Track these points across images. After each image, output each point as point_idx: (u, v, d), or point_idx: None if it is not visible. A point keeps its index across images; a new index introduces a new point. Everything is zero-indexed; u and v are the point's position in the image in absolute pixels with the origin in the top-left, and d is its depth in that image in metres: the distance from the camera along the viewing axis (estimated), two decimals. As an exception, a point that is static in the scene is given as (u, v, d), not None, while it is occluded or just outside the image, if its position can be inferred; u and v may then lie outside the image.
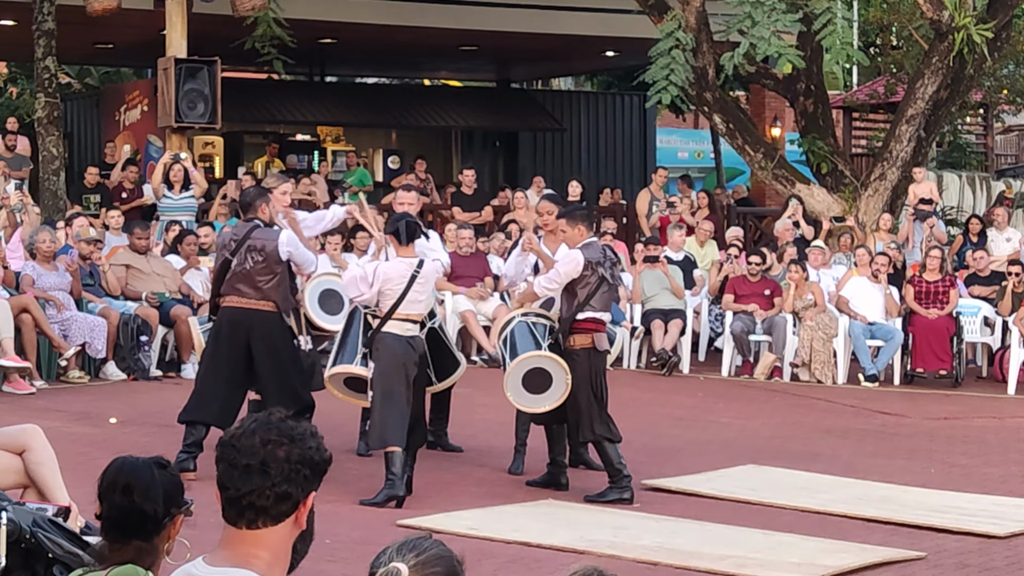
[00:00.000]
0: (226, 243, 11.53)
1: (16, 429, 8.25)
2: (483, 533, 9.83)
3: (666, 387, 17.38)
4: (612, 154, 33.23)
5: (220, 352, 11.48)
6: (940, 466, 13.18)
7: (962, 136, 31.89)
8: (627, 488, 11.20)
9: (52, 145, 21.73)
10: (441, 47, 27.78)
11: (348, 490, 10.80)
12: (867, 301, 18.41)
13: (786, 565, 9.24)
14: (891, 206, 21.68)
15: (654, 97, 19.93)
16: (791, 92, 22.88)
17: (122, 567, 4.33)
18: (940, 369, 18.22)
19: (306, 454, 3.51)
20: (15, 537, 5.16)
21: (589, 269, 11.26)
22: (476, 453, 12.88)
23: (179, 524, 4.47)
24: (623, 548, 9.54)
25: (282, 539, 3.54)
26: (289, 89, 30.39)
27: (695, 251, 20.67)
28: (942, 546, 9.99)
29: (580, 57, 30.15)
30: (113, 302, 16.69)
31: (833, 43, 19.26)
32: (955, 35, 20.16)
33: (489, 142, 32.72)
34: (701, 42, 20.90)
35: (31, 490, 7.98)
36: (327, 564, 8.54)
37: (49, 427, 8.58)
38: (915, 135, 21.49)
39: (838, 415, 15.83)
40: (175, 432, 11.55)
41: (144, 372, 16.27)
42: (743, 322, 18.46)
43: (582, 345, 11.33)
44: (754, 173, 24.02)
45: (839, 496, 11.48)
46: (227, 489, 3.50)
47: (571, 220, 11.47)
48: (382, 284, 10.92)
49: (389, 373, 10.90)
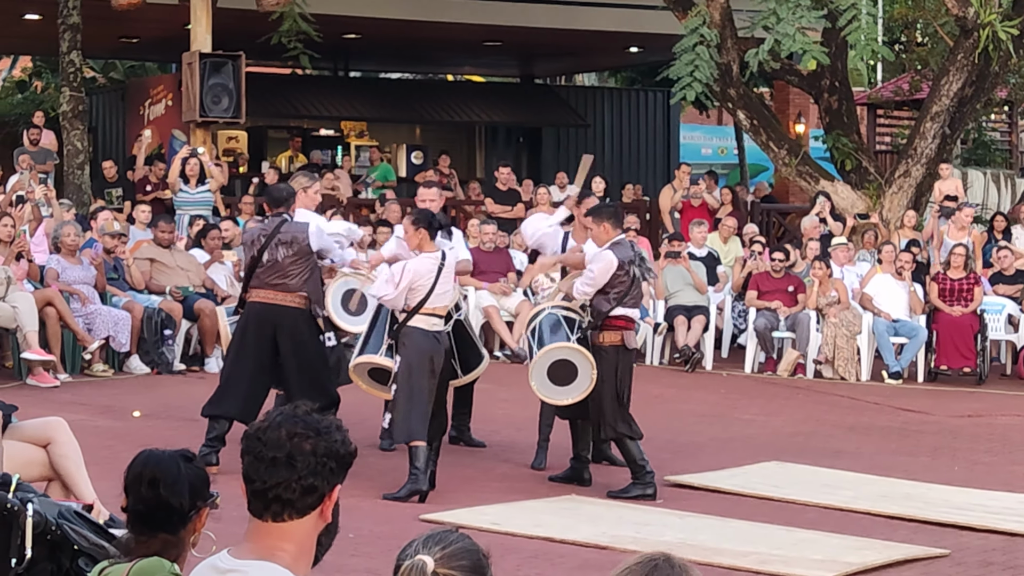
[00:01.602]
0: (255, 238, 11.52)
1: (41, 422, 8.27)
2: (505, 528, 9.83)
3: (689, 383, 17.36)
4: (635, 150, 33.19)
5: (246, 347, 11.49)
6: (964, 464, 13.15)
7: (987, 133, 31.77)
8: (650, 484, 11.20)
9: (77, 139, 21.81)
10: (465, 42, 27.79)
11: (371, 485, 10.80)
12: (891, 298, 18.37)
13: (809, 562, 9.23)
14: (915, 203, 21.63)
15: (678, 93, 19.91)
16: (815, 88, 22.82)
17: (148, 560, 4.34)
18: (964, 367, 18.17)
19: (332, 447, 3.52)
20: (41, 529, 5.18)
21: (622, 269, 11.26)
22: (499, 448, 12.88)
23: (205, 517, 4.48)
24: (645, 544, 9.53)
25: (307, 532, 3.55)
26: (313, 84, 30.44)
27: (718, 247, 20.63)
28: (966, 544, 9.97)
29: (604, 53, 30.13)
30: (137, 296, 16.73)
31: (858, 39, 19.22)
32: (980, 32, 20.10)
33: (513, 138, 32.70)
34: (726, 38, 20.86)
35: (55, 483, 8.02)
36: (350, 558, 8.55)
37: (73, 420, 8.60)
38: (940, 132, 21.43)
39: (861, 412, 15.80)
40: (199, 426, 11.57)
41: (168, 366, 16.30)
42: (766, 319, 18.43)
43: (611, 342, 11.32)
44: (778, 170, 23.97)
45: (862, 493, 11.46)
46: (253, 482, 3.51)
47: (597, 218, 11.46)
48: (411, 281, 10.92)
49: (415, 368, 10.91)
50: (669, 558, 3.17)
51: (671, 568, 3.13)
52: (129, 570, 4.33)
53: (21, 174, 19.79)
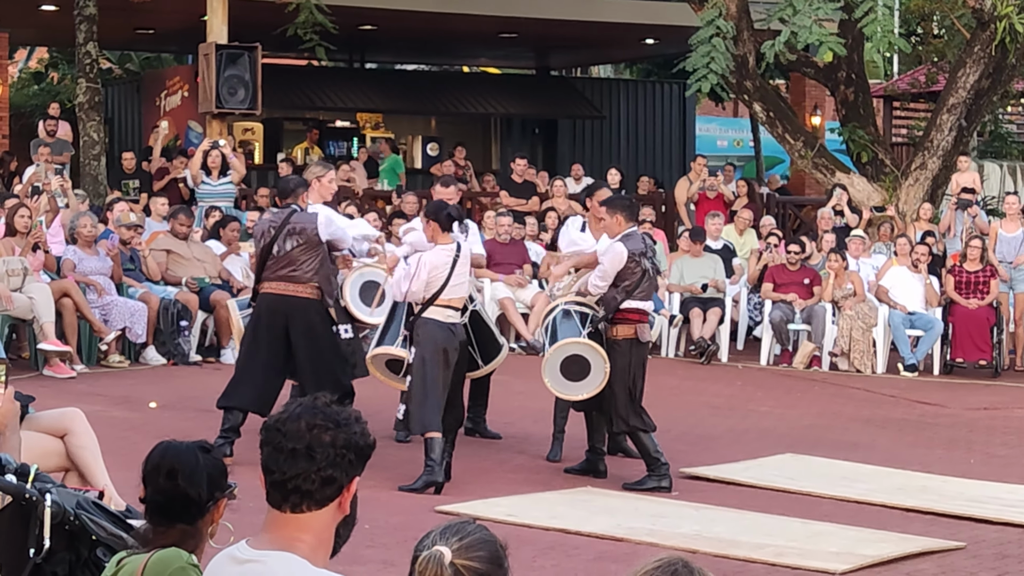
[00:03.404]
0: (265, 230, 11.55)
1: (58, 412, 8.30)
2: (521, 520, 9.84)
3: (704, 376, 17.35)
4: (651, 142, 33.17)
5: (259, 338, 11.51)
6: (980, 456, 13.14)
7: (1003, 126, 31.73)
8: (665, 476, 11.20)
9: (93, 130, 21.84)
10: (481, 34, 27.78)
11: (387, 476, 10.81)
12: (907, 291, 18.34)
13: (825, 554, 9.22)
14: (932, 195, 21.60)
15: (694, 85, 19.90)
16: (832, 81, 22.80)
17: (166, 550, 4.35)
18: (980, 359, 18.16)
19: (351, 439, 3.53)
20: (59, 519, 5.19)
21: (633, 261, 11.25)
22: (514, 440, 12.89)
23: (223, 508, 4.49)
24: (661, 536, 9.54)
25: (326, 523, 3.56)
26: (329, 76, 30.43)
27: (734, 239, 20.62)
28: (981, 536, 9.96)
29: (620, 45, 30.09)
30: (153, 287, 16.75)
31: (874, 31, 19.18)
32: (997, 24, 20.06)
33: (528, 129, 32.69)
34: (742, 30, 20.84)
35: (72, 473, 8.04)
36: (366, 549, 8.57)
37: (90, 411, 8.62)
38: (956, 124, 21.39)
39: (877, 405, 15.78)
40: (215, 417, 11.59)
41: (184, 357, 16.32)
42: (782, 311, 18.42)
43: (625, 336, 11.31)
44: (794, 162, 23.94)
45: (878, 486, 11.45)
46: (272, 473, 3.52)
47: (610, 209, 11.46)
48: (428, 274, 10.93)
49: (429, 359, 10.92)
50: (688, 564, 3.17)
51: (690, 573, 3.12)
52: (147, 561, 4.34)
53: (38, 166, 19.83)
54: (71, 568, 5.22)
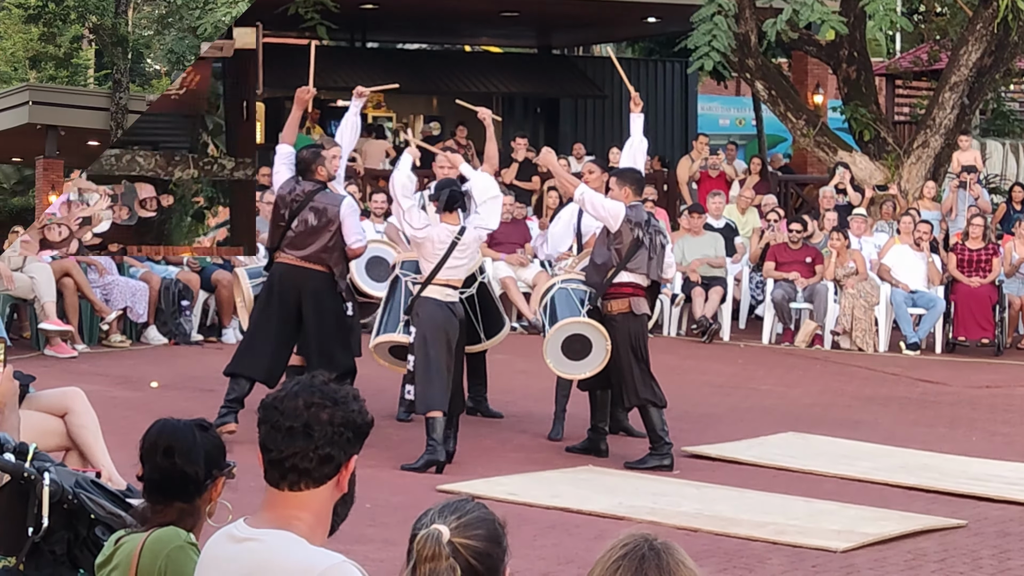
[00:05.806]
0: (292, 197, 11.50)
1: (58, 392, 8.30)
2: (522, 499, 9.84)
3: (706, 354, 17.34)
4: (653, 121, 32.93)
5: (271, 308, 11.51)
6: (982, 434, 13.13)
7: (1005, 104, 31.63)
8: (667, 455, 11.20)
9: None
10: (482, 13, 27.72)
11: (389, 455, 10.82)
12: (909, 269, 18.32)
13: (826, 532, 9.22)
14: (934, 174, 21.56)
15: (696, 64, 19.86)
16: (834, 59, 22.74)
17: (164, 529, 4.35)
18: (982, 338, 18.15)
19: (349, 417, 3.52)
20: (57, 498, 5.19)
21: (628, 224, 11.23)
22: (516, 419, 12.89)
23: (221, 486, 4.49)
24: (662, 515, 9.54)
25: (324, 502, 3.55)
26: (330, 55, 30.31)
27: (736, 218, 20.58)
28: (983, 514, 9.96)
29: (621, 23, 30.00)
30: (155, 267, 16.75)
31: (877, 9, 19.11)
32: (999, 2, 19.99)
33: (530, 108, 32.63)
34: (744, 8, 20.79)
35: (72, 452, 8.03)
36: (367, 528, 8.57)
37: (91, 391, 8.61)
38: (958, 102, 21.35)
39: (879, 383, 15.78)
40: (216, 396, 11.58)
41: (185, 336, 16.32)
42: (784, 290, 18.40)
43: (619, 310, 11.32)
44: (796, 140, 23.89)
45: (880, 464, 11.45)
46: (270, 451, 3.51)
47: (620, 180, 11.49)
48: (424, 238, 10.93)
49: (429, 338, 10.91)
50: (653, 544, 3.13)
51: (658, 557, 3.10)
52: (145, 539, 4.34)
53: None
54: (69, 546, 5.22)
